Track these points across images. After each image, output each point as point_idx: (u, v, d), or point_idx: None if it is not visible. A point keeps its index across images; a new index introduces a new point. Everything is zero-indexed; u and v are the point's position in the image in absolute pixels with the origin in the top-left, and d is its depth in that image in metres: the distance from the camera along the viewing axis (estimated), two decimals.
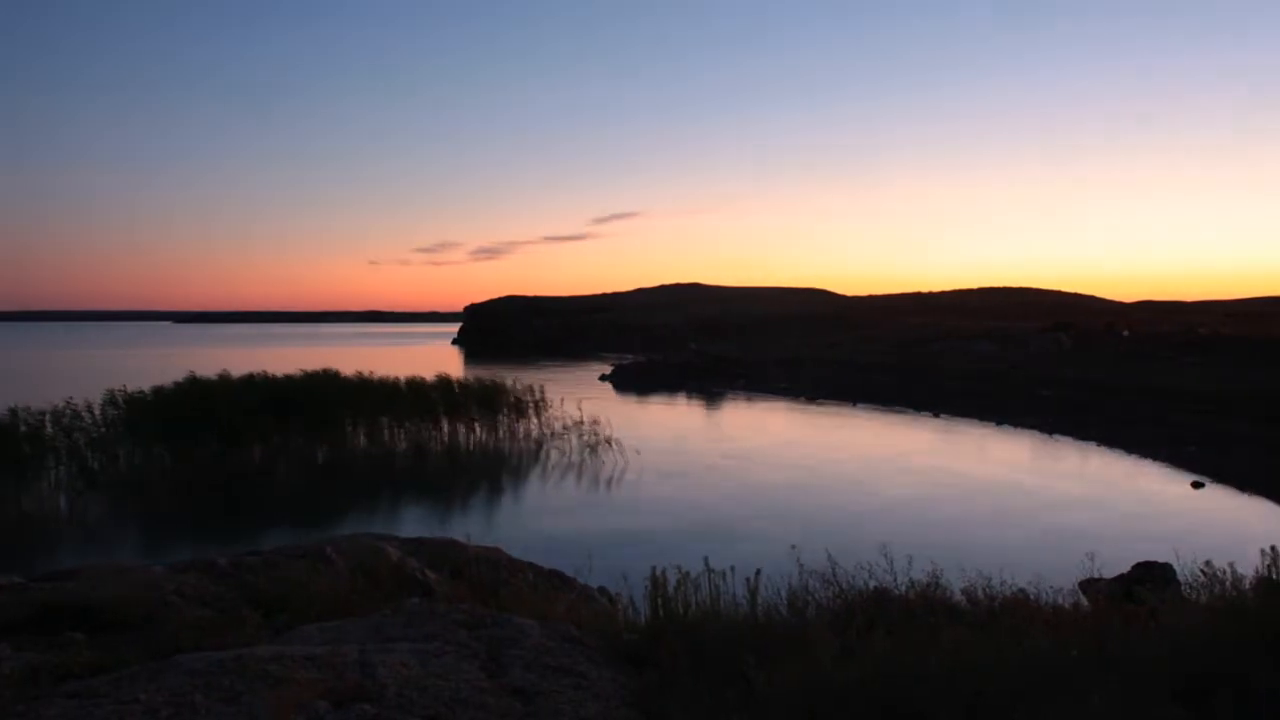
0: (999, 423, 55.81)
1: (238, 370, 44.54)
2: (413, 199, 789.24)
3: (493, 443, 47.76)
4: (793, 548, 9.61)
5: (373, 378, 46.94)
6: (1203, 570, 8.58)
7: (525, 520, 31.46)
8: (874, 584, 9.11)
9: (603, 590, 12.54)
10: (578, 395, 54.45)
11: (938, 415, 60.94)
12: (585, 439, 45.60)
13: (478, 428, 48.45)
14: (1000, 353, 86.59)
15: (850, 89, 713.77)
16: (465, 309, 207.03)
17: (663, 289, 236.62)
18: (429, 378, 49.21)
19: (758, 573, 8.39)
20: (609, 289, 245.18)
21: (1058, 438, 49.99)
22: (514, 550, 14.27)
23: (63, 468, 35.57)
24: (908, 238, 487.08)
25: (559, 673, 6.31)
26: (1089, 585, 12.40)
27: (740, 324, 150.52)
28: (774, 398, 75.58)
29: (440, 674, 5.99)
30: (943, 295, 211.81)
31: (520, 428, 49.77)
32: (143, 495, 34.79)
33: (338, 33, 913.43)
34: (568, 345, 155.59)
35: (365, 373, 47.19)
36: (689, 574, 8.27)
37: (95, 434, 37.21)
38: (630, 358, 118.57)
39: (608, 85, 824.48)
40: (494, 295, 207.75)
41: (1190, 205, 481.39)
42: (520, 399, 50.73)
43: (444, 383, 49.16)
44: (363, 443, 43.94)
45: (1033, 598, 9.05)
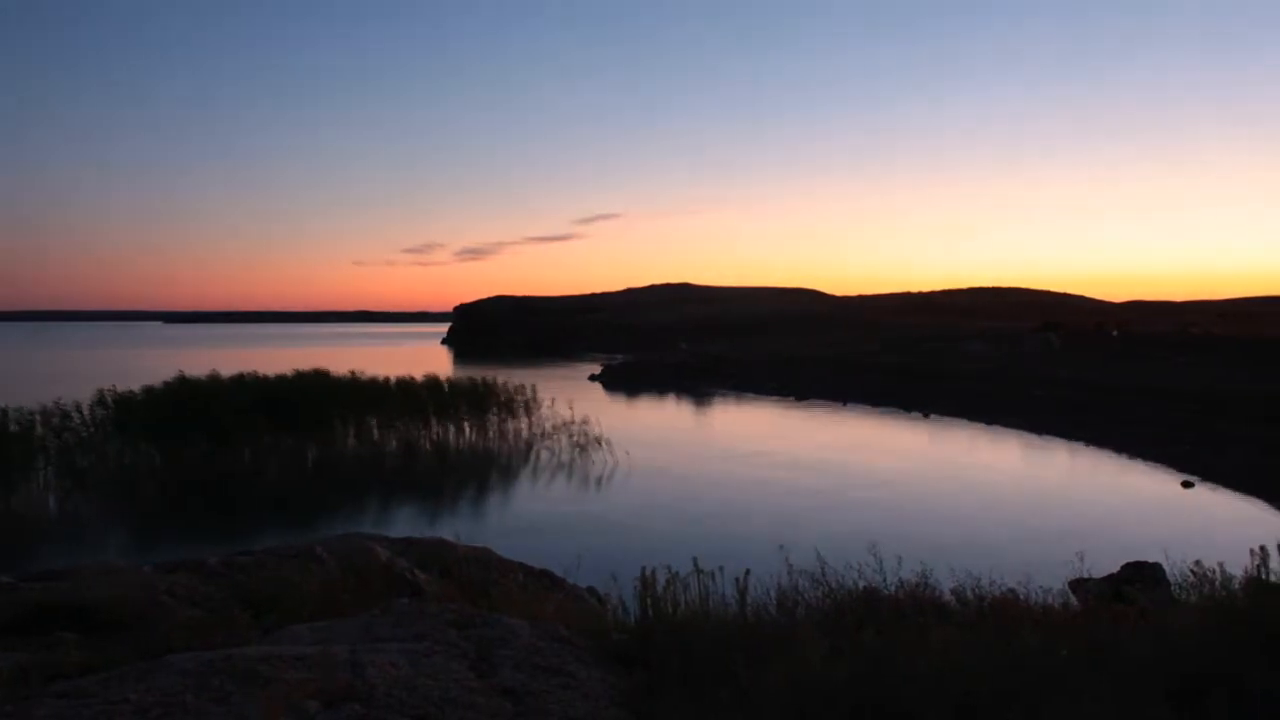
0: (989, 422, 55.89)
1: (228, 370, 44.46)
2: (397, 201, 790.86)
3: (482, 442, 47.75)
4: (781, 547, 9.62)
5: (363, 378, 46.89)
6: (1192, 570, 8.58)
7: (515, 520, 31.46)
8: (863, 584, 9.09)
9: (592, 590, 12.54)
10: (567, 395, 54.42)
11: (928, 415, 61.02)
12: (575, 439, 45.61)
13: (467, 427, 48.43)
14: (991, 353, 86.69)
15: (842, 91, 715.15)
16: (455, 309, 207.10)
17: (652, 289, 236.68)
18: (419, 378, 49.19)
19: (747, 573, 8.39)
20: (596, 289, 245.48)
21: (1047, 437, 50.07)
22: (503, 550, 14.27)
23: (52, 468, 35.50)
24: (899, 238, 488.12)
25: (548, 673, 6.31)
26: (1078, 585, 12.42)
27: (730, 324, 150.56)
28: (764, 398, 75.61)
29: (430, 674, 5.99)
30: (933, 295, 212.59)
31: (510, 427, 49.75)
32: (133, 495, 34.74)
33: (323, 38, 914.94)
34: (557, 345, 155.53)
35: (355, 373, 47.13)
36: (678, 574, 8.26)
37: (85, 434, 37.17)
38: (620, 358, 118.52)
39: (590, 87, 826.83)
40: (480, 295, 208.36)
41: (1181, 206, 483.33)
42: (510, 399, 50.71)
43: (433, 383, 49.14)
44: (353, 443, 43.91)
45: (1022, 597, 9.04)
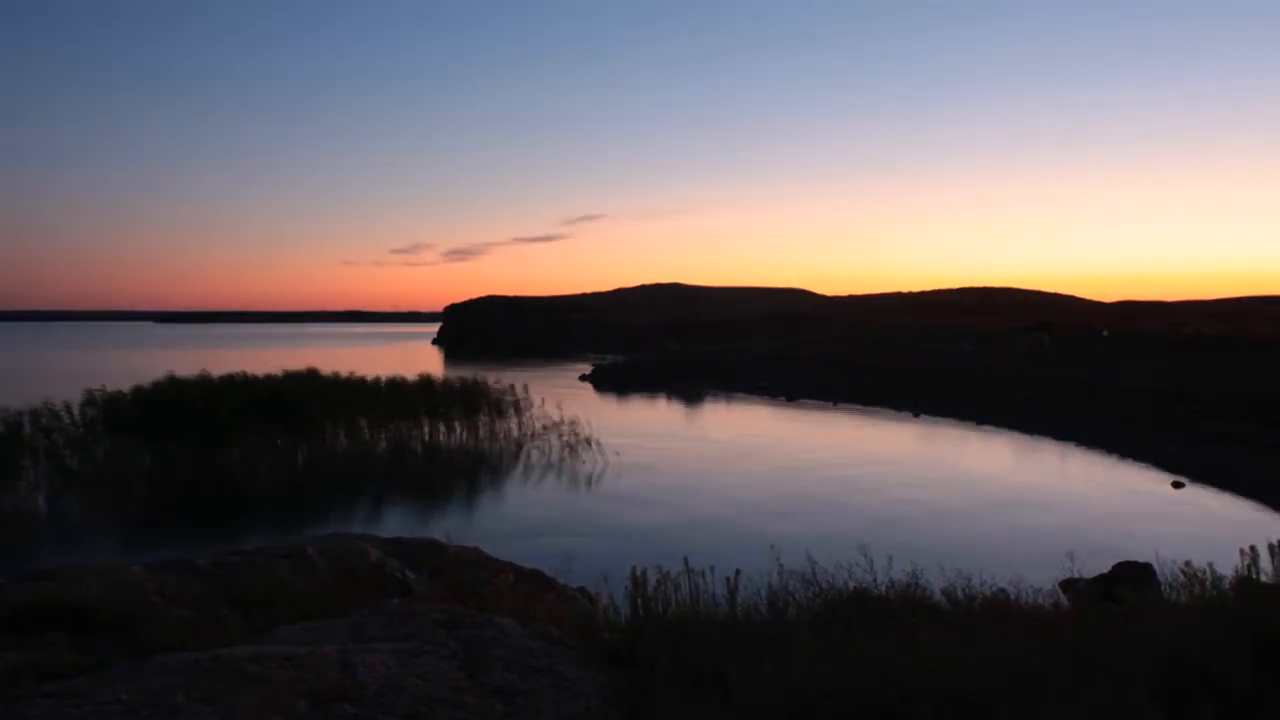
0: (979, 422, 55.97)
1: (218, 371, 44.37)
2: (384, 202, 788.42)
3: (473, 443, 47.70)
4: (771, 547, 9.62)
5: (353, 378, 46.83)
6: (1183, 570, 8.61)
7: (505, 520, 31.42)
8: (854, 584, 9.10)
9: (583, 590, 12.54)
10: (558, 395, 54.37)
11: (918, 415, 61.07)
12: (565, 439, 45.61)
13: (458, 427, 48.37)
14: (981, 353, 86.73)
15: (832, 92, 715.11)
16: (445, 309, 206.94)
17: (642, 289, 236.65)
18: (409, 378, 49.15)
19: (737, 573, 8.40)
20: (585, 289, 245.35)
21: (1038, 438, 50.13)
22: (494, 550, 14.27)
23: (41, 467, 35.43)
24: (889, 238, 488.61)
25: (539, 673, 6.31)
26: (1069, 585, 12.46)
27: (720, 324, 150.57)
28: (753, 397, 75.64)
29: (420, 674, 5.99)
30: (924, 295, 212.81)
31: (500, 428, 49.70)
32: (122, 495, 34.65)
33: (310, 40, 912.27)
34: (547, 345, 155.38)
35: (347, 373, 47.07)
36: (669, 574, 8.26)
37: (74, 434, 37.08)
38: (610, 358, 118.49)
39: (575, 87, 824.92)
40: (469, 296, 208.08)
41: (1172, 206, 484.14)
42: (500, 399, 50.69)
43: (424, 383, 49.12)
44: (343, 443, 43.79)
45: (1012, 597, 9.06)
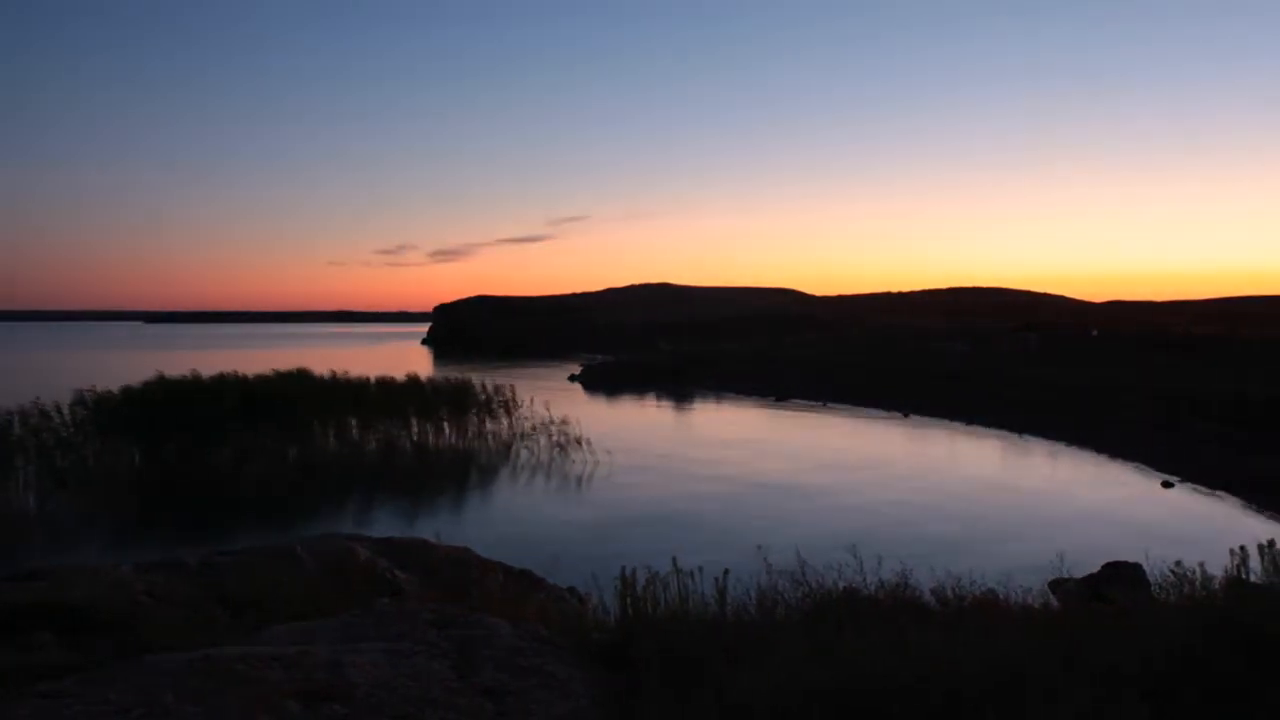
0: (968, 422, 56.05)
1: (208, 370, 44.28)
2: (368, 203, 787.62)
3: (463, 443, 47.65)
4: (759, 547, 9.64)
5: (343, 378, 46.78)
6: (1172, 570, 8.63)
7: (495, 520, 31.41)
8: (843, 584, 9.11)
9: (572, 590, 12.56)
10: (547, 395, 54.30)
11: (907, 415, 61.15)
12: (555, 439, 45.60)
13: (447, 428, 48.33)
14: (970, 352, 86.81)
15: (820, 92, 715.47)
16: (435, 309, 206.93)
17: (631, 289, 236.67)
18: (399, 378, 49.12)
19: (726, 573, 8.41)
20: (574, 289, 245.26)
21: (1027, 437, 50.22)
22: (483, 550, 14.29)
23: (31, 467, 35.35)
24: (879, 238, 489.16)
25: (529, 673, 6.32)
26: (1058, 585, 12.49)
27: (710, 324, 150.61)
28: (743, 397, 75.66)
29: (410, 674, 6.00)
30: (913, 295, 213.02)
31: (490, 428, 49.66)
32: (112, 495, 34.58)
33: (295, 42, 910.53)
34: (537, 345, 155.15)
35: (336, 373, 47.02)
36: (658, 574, 8.28)
37: (64, 434, 37.01)
38: (600, 358, 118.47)
39: (559, 87, 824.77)
40: (456, 296, 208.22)
41: (1162, 206, 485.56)
42: (490, 399, 50.66)
43: (414, 383, 49.09)
44: (333, 443, 43.72)
45: (1002, 597, 9.07)
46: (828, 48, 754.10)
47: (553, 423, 46.74)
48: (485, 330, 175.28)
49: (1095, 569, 19.25)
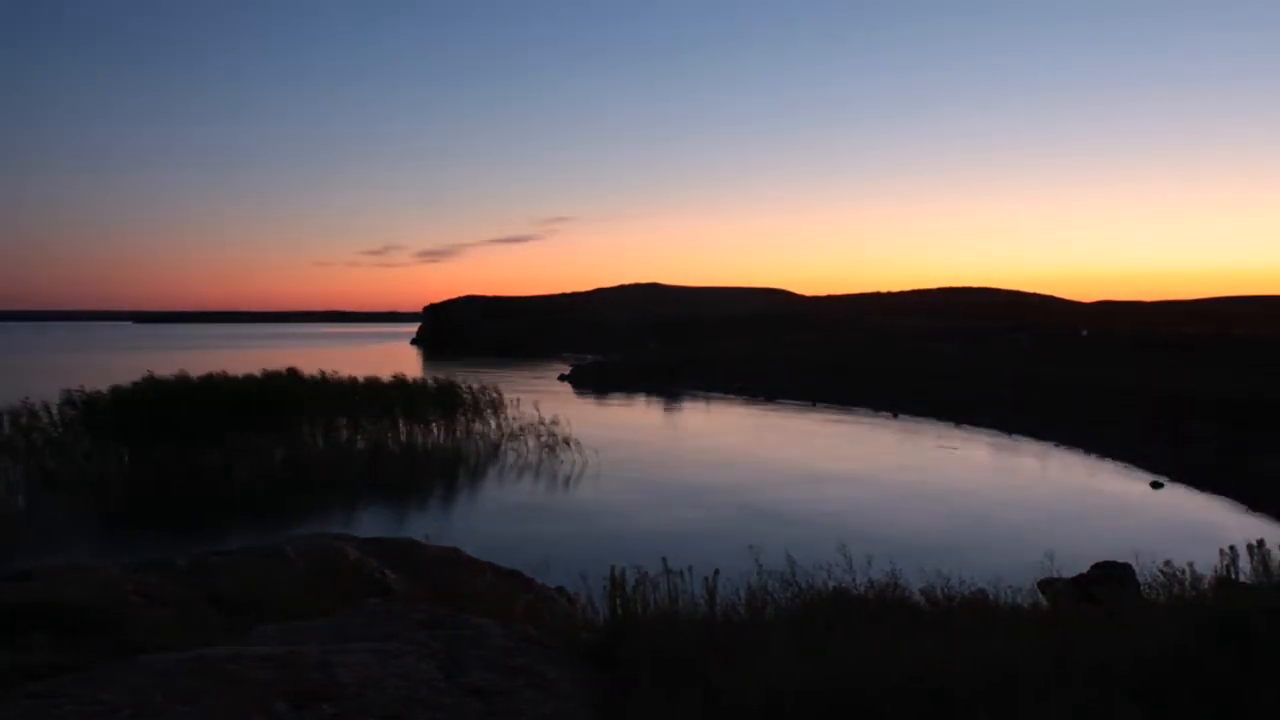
0: (959, 422, 56.10)
1: (197, 371, 44.19)
2: (353, 203, 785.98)
3: (451, 443, 47.59)
4: (750, 547, 9.67)
5: (332, 378, 46.69)
6: (1162, 570, 8.67)
7: (484, 520, 31.38)
8: (833, 584, 9.14)
9: (561, 590, 12.58)
10: (536, 395, 54.28)
11: (897, 415, 61.21)
12: (543, 439, 45.57)
13: (436, 428, 48.28)
14: (960, 353, 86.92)
15: (808, 93, 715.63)
16: (424, 309, 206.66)
17: (621, 289, 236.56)
18: (387, 378, 49.07)
19: (715, 573, 8.43)
20: (563, 289, 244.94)
21: (1017, 437, 50.30)
22: (472, 550, 14.31)
23: (20, 467, 35.31)
24: (868, 238, 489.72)
25: (518, 673, 6.33)
26: (1048, 585, 12.52)
27: (700, 324, 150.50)
28: (733, 398, 75.65)
29: (400, 674, 6.01)
30: (903, 295, 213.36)
31: (479, 428, 49.61)
32: (101, 495, 34.51)
33: (281, 43, 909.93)
34: (527, 345, 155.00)
35: (326, 373, 46.92)
36: (647, 574, 8.30)
37: (53, 434, 36.97)
38: (589, 358, 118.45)
39: (543, 89, 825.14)
40: (444, 296, 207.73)
41: (1152, 206, 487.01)
42: (478, 399, 50.61)
43: (402, 383, 49.03)
44: (321, 443, 43.63)
45: (991, 598, 9.11)
46: (815, 48, 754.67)
47: (542, 423, 46.72)
48: (475, 330, 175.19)
49: (1085, 569, 19.26)
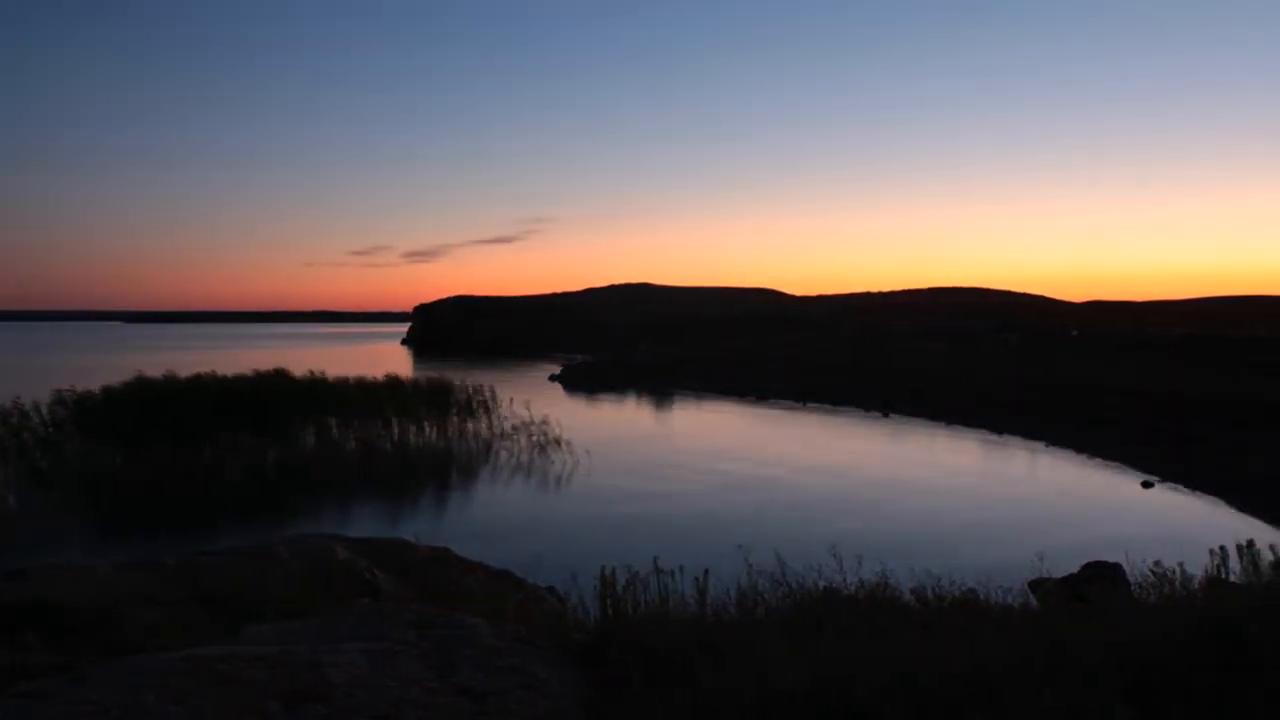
0: (949, 422, 56.15)
1: (186, 371, 44.15)
2: (339, 203, 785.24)
3: (442, 443, 47.56)
4: (740, 547, 9.69)
5: (323, 378, 46.65)
6: (1152, 570, 8.69)
7: (474, 520, 31.39)
8: (823, 584, 9.15)
9: (552, 590, 12.58)
10: (527, 395, 54.26)
11: (887, 415, 61.29)
12: (534, 439, 45.59)
13: (427, 428, 48.24)
14: (950, 353, 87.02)
15: (798, 93, 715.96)
16: (415, 309, 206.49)
17: (612, 289, 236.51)
18: (378, 378, 49.02)
19: (706, 573, 8.45)
20: (553, 289, 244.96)
21: (1007, 437, 50.36)
22: (463, 550, 14.31)
23: (11, 467, 35.26)
24: (859, 238, 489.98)
25: (509, 673, 6.32)
26: (1038, 585, 12.53)
27: (690, 324, 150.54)
28: (724, 398, 75.65)
29: (391, 674, 6.01)
30: (893, 295, 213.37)
31: (470, 428, 49.58)
32: (92, 495, 34.47)
33: (269, 44, 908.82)
34: (518, 345, 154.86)
35: (316, 373, 46.88)
36: (638, 574, 8.31)
37: (44, 433, 36.92)
38: (580, 358, 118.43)
39: (529, 89, 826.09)
40: (432, 297, 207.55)
41: (1141, 206, 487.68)
42: (470, 399, 50.60)
43: (393, 383, 48.99)
44: (312, 443, 43.58)
45: (982, 597, 9.12)
46: (804, 49, 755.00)
47: (533, 423, 46.74)
48: (466, 330, 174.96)
49: (1075, 569, 19.27)
